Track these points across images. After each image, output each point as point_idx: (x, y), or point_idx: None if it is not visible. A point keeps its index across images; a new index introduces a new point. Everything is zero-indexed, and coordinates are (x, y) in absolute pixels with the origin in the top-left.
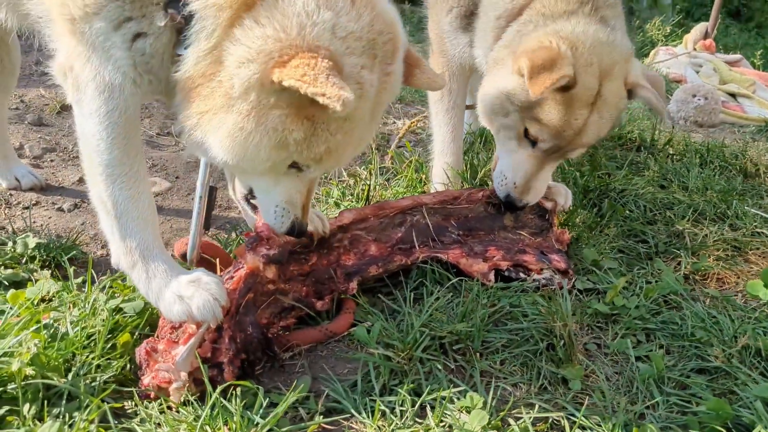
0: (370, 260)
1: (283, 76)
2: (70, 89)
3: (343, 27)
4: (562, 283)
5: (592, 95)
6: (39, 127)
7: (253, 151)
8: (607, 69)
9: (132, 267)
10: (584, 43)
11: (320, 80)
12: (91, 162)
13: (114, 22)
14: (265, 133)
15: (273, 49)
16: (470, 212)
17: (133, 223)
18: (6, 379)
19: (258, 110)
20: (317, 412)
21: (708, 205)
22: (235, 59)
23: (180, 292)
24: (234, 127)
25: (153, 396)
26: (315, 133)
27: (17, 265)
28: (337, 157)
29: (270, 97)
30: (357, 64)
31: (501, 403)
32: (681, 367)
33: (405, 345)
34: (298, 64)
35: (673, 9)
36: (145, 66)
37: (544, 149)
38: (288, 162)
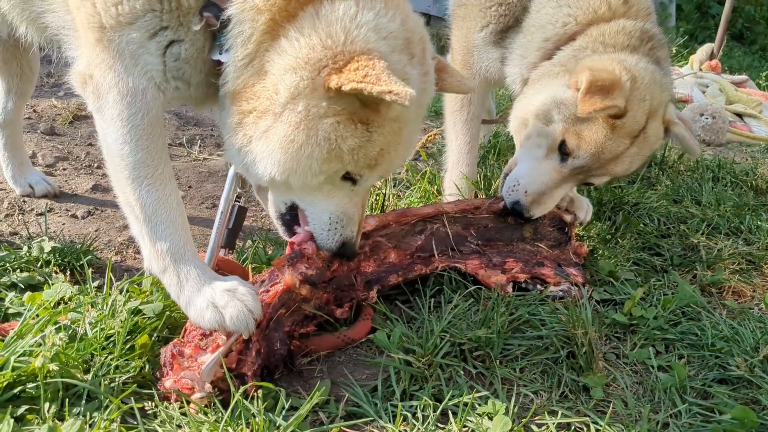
0: (389, 268)
1: (343, 80)
2: (91, 97)
3: (384, 27)
4: (578, 295)
5: (638, 129)
6: (51, 136)
7: (306, 164)
8: (655, 108)
9: (163, 271)
10: (643, 78)
11: (384, 79)
12: (117, 167)
13: (150, 32)
14: (316, 144)
15: (323, 56)
16: (490, 222)
17: (162, 226)
18: (24, 378)
19: (309, 120)
20: (338, 416)
21: (721, 220)
22: (281, 68)
23: (214, 299)
24: (285, 140)
25: (174, 399)
26: (370, 138)
27: (33, 268)
28: (390, 162)
29: (320, 104)
30: (401, 61)
31: (522, 410)
32: (702, 376)
33: (425, 350)
34: (357, 66)
35: (677, 31)
36: (176, 72)
37: (574, 166)
38: (341, 173)
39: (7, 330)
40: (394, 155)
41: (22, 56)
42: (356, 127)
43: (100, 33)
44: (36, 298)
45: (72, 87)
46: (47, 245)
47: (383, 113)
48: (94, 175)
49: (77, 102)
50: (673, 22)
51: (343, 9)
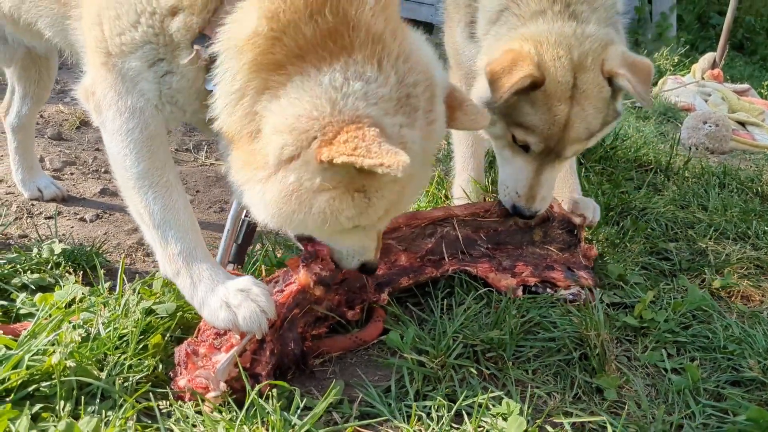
0: (400, 271)
1: (333, 153)
2: (93, 112)
3: (374, 93)
4: (588, 298)
5: (568, 89)
6: (59, 141)
7: (299, 227)
8: (579, 61)
9: (176, 274)
10: (548, 39)
11: (374, 150)
12: (122, 177)
13: (149, 62)
14: (310, 215)
15: (309, 127)
16: (500, 225)
17: (171, 231)
18: (38, 377)
19: (301, 192)
20: (352, 415)
21: (729, 225)
22: (271, 128)
23: (227, 299)
24: (278, 200)
25: (188, 397)
26: (370, 203)
27: (43, 270)
28: (396, 212)
29: (315, 179)
30: (396, 124)
31: (536, 412)
32: (715, 378)
33: (438, 351)
34: (347, 138)
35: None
36: (170, 98)
37: (537, 152)
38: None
39: (19, 330)
40: (399, 208)
41: (42, 63)
42: (353, 198)
43: (106, 57)
44: (47, 299)
45: (77, 99)
46: (57, 247)
47: (380, 179)
48: (102, 180)
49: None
50: (674, 32)
51: (329, 78)
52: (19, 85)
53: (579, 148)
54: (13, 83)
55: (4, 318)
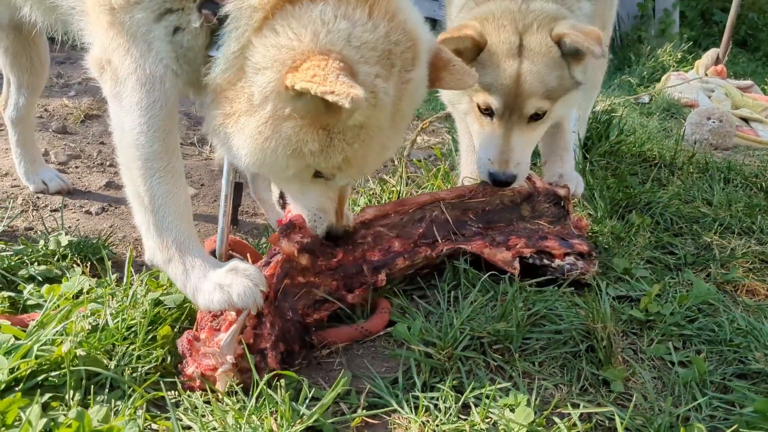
0: (395, 255)
1: (295, 79)
2: (108, 82)
3: (358, 37)
4: (587, 267)
5: (514, 47)
6: (63, 135)
7: (272, 157)
8: (524, 27)
9: (168, 262)
10: (494, 14)
11: (330, 79)
12: (129, 156)
13: (156, 13)
14: (280, 141)
15: (287, 57)
16: (487, 205)
17: (170, 218)
18: (47, 367)
19: (274, 119)
20: (359, 406)
21: (733, 220)
22: (252, 67)
23: (219, 280)
24: (254, 131)
25: (198, 386)
26: (331, 143)
27: (50, 261)
28: (359, 166)
29: (285, 107)
30: (371, 73)
31: (543, 403)
32: (721, 371)
33: (445, 343)
34: (309, 66)
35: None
36: (185, 58)
37: (500, 113)
38: (310, 171)
39: (27, 321)
40: (362, 162)
41: (32, 49)
42: (317, 133)
43: (111, 15)
44: (55, 290)
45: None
46: (64, 239)
47: (343, 119)
48: (107, 173)
49: (88, 101)
50: (677, 28)
51: (319, 12)
52: (12, 76)
53: (540, 105)
54: (7, 75)
55: (12, 309)
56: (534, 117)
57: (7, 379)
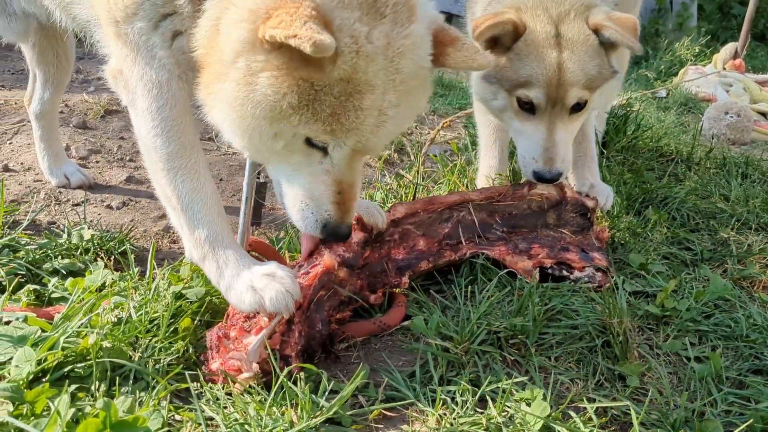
0: (419, 255)
1: (266, 28)
2: (122, 92)
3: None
4: (603, 280)
5: (551, 36)
6: (84, 130)
7: (254, 124)
8: (559, 16)
9: (203, 258)
10: (527, 4)
11: (295, 24)
12: (151, 159)
13: (152, 21)
14: (257, 101)
15: (261, 7)
16: (515, 209)
17: (199, 215)
18: (73, 358)
19: (248, 76)
20: (377, 399)
21: (751, 215)
22: (228, 22)
23: (253, 283)
24: (231, 97)
25: (221, 381)
26: (316, 97)
27: (74, 255)
28: (352, 128)
29: (258, 58)
30: (350, 18)
31: (559, 398)
32: (737, 367)
33: (462, 337)
34: (279, 13)
35: (699, 31)
36: (187, 64)
37: (542, 107)
38: (299, 138)
39: (52, 314)
40: (355, 122)
41: (59, 45)
42: (297, 84)
43: (116, 27)
44: (79, 283)
45: (107, 83)
46: (87, 233)
47: (327, 72)
48: (127, 168)
49: (108, 97)
50: (695, 22)
51: None
52: (39, 70)
53: (581, 94)
54: (33, 69)
55: (37, 301)
56: (575, 108)
57: (35, 370)
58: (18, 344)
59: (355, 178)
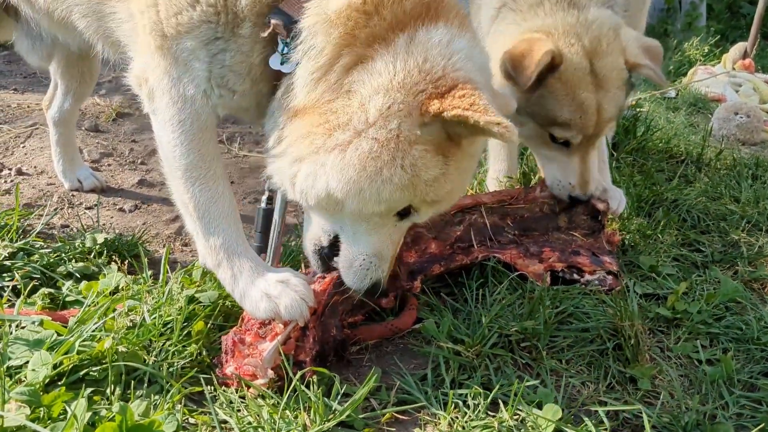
0: (431, 258)
1: (446, 106)
2: (146, 99)
3: (476, 58)
4: (614, 283)
5: (586, 74)
6: (96, 133)
7: (378, 187)
8: (592, 47)
9: (217, 266)
10: (556, 29)
11: (491, 110)
12: (171, 167)
13: (204, 42)
14: (401, 168)
15: (420, 80)
16: (526, 212)
17: (215, 223)
18: (88, 362)
19: (399, 142)
20: (389, 402)
21: (761, 217)
22: (371, 89)
23: (268, 290)
24: (367, 156)
25: (235, 385)
26: (447, 171)
27: (87, 258)
28: (450, 199)
29: (414, 130)
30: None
31: (570, 401)
32: (749, 369)
33: (474, 340)
34: (464, 94)
35: (708, 31)
36: (220, 80)
37: (577, 143)
38: (404, 205)
39: (67, 317)
40: (457, 191)
41: (84, 62)
42: (439, 159)
43: (162, 41)
44: (93, 287)
45: (129, 86)
46: (100, 237)
47: (464, 147)
48: (139, 171)
49: (119, 100)
50: (704, 21)
51: (440, 35)
52: (62, 82)
53: (612, 125)
54: (56, 79)
55: (52, 305)
56: None
57: (51, 374)
58: (34, 348)
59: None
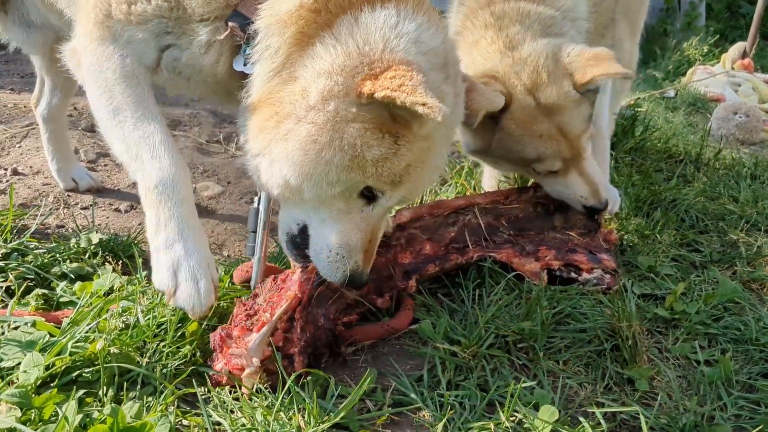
0: (426, 258)
1: (377, 87)
2: (75, 69)
3: (426, 42)
4: (612, 282)
5: (534, 109)
6: (92, 133)
7: (324, 170)
8: (532, 81)
9: (148, 207)
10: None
11: (419, 91)
12: (99, 116)
13: (154, 34)
14: (339, 149)
15: (359, 63)
16: (521, 212)
17: (147, 156)
18: (81, 363)
19: (335, 122)
20: (385, 404)
21: (760, 217)
22: (314, 73)
23: (177, 267)
24: (307, 139)
25: (225, 381)
26: (397, 151)
27: (82, 259)
28: (415, 182)
29: (350, 109)
30: (437, 80)
31: (567, 402)
32: (747, 370)
33: (470, 341)
34: (395, 75)
35: (707, 31)
36: (172, 69)
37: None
38: (360, 186)
39: (61, 318)
40: (421, 175)
41: None
42: (383, 137)
43: (105, 18)
44: (87, 288)
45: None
46: (95, 237)
47: (414, 130)
48: None
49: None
50: (703, 21)
51: (384, 17)
52: (48, 77)
53: (590, 132)
54: (42, 75)
55: (46, 306)
56: None
57: (43, 376)
58: (26, 349)
59: (382, 227)
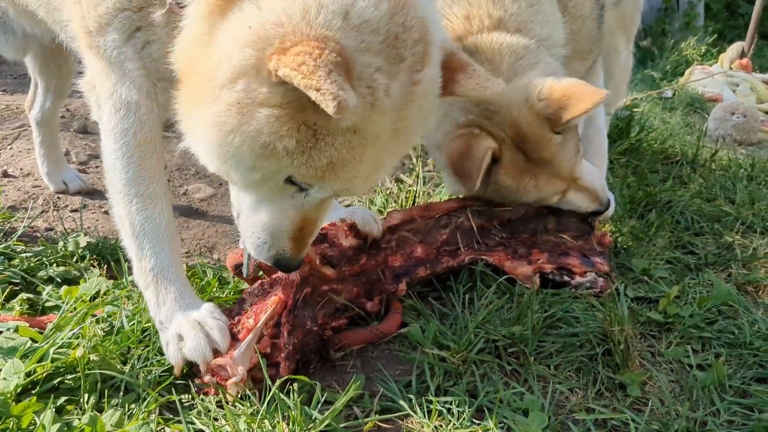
0: (416, 262)
1: (281, 65)
2: (93, 106)
3: (359, 14)
4: (605, 285)
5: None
6: (84, 134)
7: (236, 154)
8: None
9: (146, 288)
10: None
11: (318, 73)
12: (110, 180)
13: (126, 33)
14: (247, 135)
15: (273, 35)
16: (513, 214)
17: (149, 245)
18: (63, 370)
19: (243, 104)
20: (372, 410)
21: (756, 219)
22: (228, 43)
23: (180, 330)
24: (217, 120)
25: (212, 391)
26: (316, 145)
27: (69, 263)
28: (346, 178)
29: (261, 89)
30: (371, 65)
31: (557, 408)
32: (741, 375)
33: (460, 346)
34: (299, 51)
35: (706, 30)
36: (157, 73)
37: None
38: (282, 176)
39: (45, 323)
40: (350, 173)
41: (62, 57)
42: (298, 129)
43: (89, 38)
44: (73, 292)
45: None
46: (83, 240)
47: (334, 121)
48: None
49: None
50: (702, 21)
51: None
52: (40, 80)
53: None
54: (35, 77)
55: (31, 310)
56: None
57: (23, 383)
58: (7, 356)
59: (321, 215)
